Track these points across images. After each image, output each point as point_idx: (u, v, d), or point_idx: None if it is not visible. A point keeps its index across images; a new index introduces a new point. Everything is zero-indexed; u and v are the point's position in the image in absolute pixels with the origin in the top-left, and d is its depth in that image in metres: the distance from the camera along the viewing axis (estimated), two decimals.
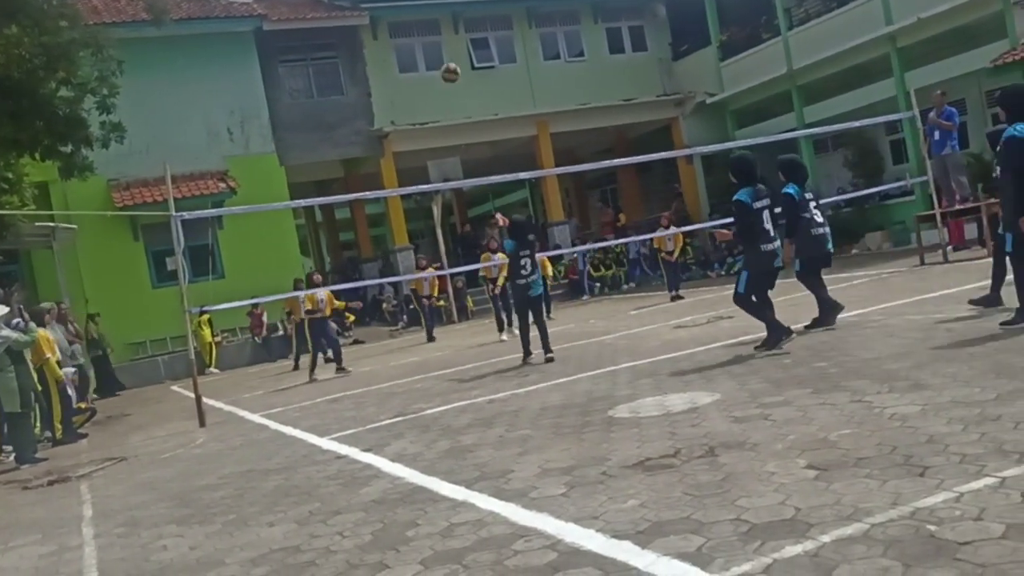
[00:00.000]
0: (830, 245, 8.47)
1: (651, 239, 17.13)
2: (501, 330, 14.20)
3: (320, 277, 14.45)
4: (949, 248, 13.55)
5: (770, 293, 7.75)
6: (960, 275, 10.68)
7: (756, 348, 7.41)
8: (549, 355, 9.62)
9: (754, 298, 7.64)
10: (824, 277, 8.40)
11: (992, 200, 13.55)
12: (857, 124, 15.23)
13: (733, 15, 23.89)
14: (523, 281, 10.04)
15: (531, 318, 10.18)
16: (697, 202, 24.40)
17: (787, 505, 3.36)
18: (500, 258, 13.39)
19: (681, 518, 3.44)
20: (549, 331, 10.07)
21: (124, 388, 17.76)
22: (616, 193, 28.63)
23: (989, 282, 7.44)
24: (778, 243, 7.49)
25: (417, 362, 12.68)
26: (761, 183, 7.59)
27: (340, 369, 12.79)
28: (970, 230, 15.06)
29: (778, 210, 7.90)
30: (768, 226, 7.41)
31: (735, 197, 7.47)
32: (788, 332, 7.30)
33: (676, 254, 16.54)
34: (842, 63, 19.98)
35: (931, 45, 18.12)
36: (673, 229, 16.38)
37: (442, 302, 20.53)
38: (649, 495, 3.83)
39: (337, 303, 13.86)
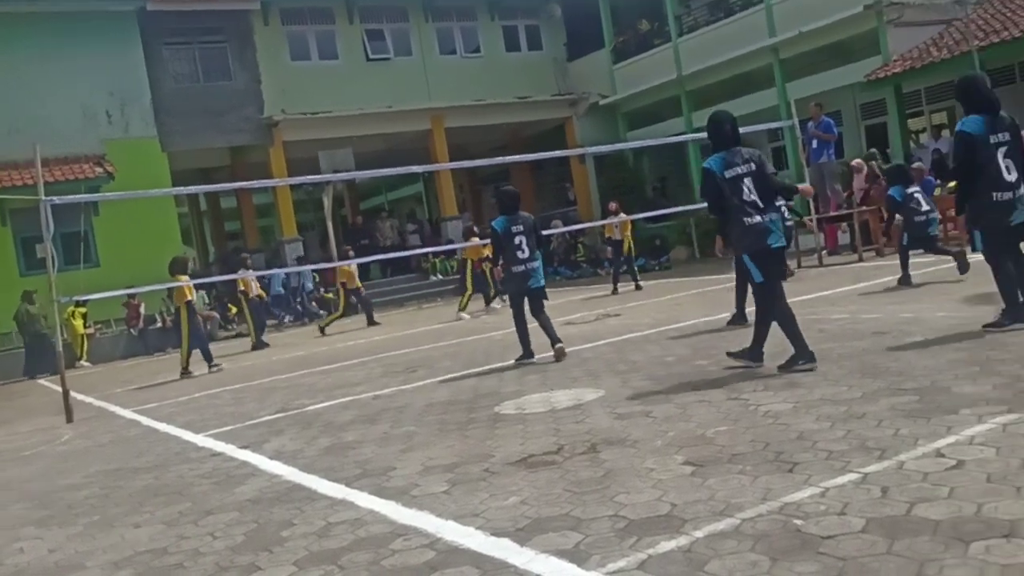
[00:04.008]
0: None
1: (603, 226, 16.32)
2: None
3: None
4: (824, 252, 14.18)
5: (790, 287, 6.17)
6: (834, 278, 11.19)
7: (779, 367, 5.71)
8: (559, 344, 7.81)
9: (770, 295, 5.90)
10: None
11: (864, 208, 14.27)
12: (741, 131, 15.75)
13: (627, 19, 24.35)
14: (521, 268, 7.97)
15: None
16: (589, 202, 24.76)
17: (664, 501, 3.41)
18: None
19: (561, 515, 3.44)
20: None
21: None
22: None
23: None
24: (764, 218, 5.76)
25: (302, 356, 12.40)
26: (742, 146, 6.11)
27: (213, 366, 12.11)
28: (844, 236, 15.80)
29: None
30: (753, 197, 5.74)
31: (703, 164, 6.03)
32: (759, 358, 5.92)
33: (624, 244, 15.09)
34: (728, 71, 20.65)
35: (811, 58, 18.94)
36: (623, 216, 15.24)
37: (329, 295, 20.17)
38: (530, 492, 3.82)
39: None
